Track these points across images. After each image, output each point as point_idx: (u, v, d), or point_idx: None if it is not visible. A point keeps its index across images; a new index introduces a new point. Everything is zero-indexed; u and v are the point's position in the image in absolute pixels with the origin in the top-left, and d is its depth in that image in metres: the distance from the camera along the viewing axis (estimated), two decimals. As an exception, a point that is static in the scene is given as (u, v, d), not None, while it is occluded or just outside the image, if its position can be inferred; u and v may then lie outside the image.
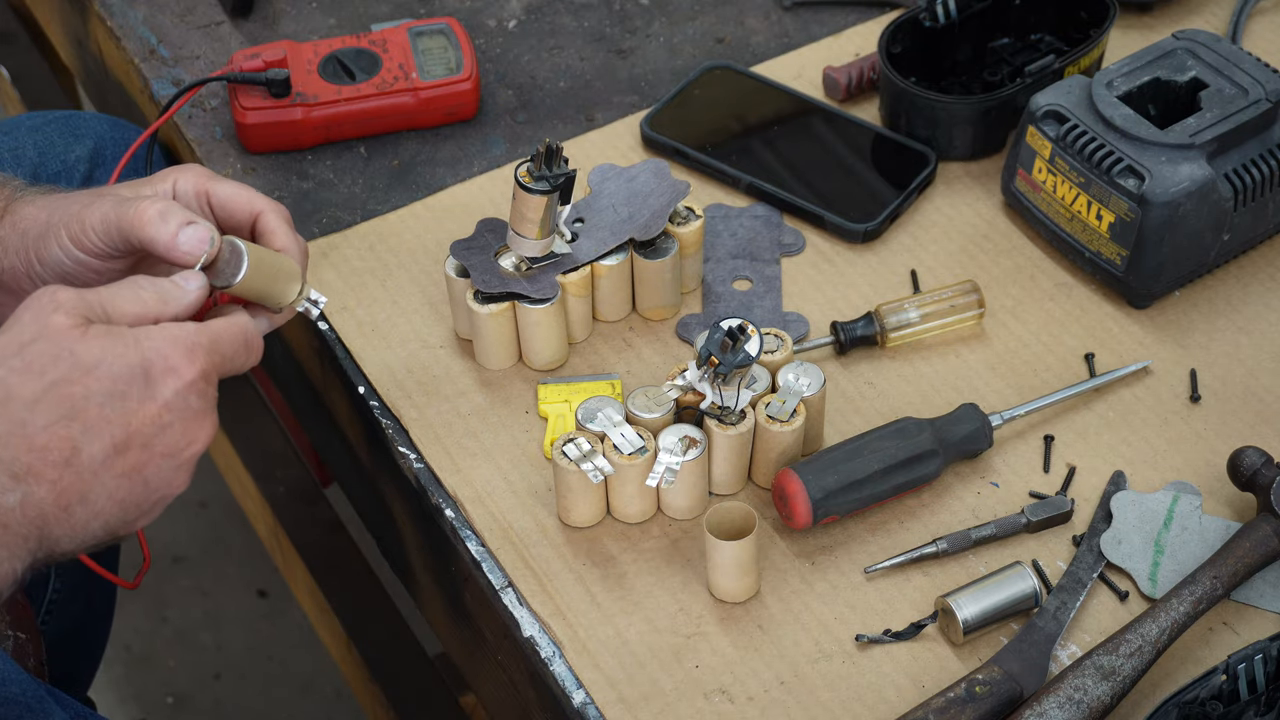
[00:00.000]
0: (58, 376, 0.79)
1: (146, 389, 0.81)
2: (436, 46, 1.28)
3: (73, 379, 0.79)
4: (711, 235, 1.19)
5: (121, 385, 0.80)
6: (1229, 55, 1.15)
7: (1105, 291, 1.16)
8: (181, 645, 1.94)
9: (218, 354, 0.86)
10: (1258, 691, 0.92)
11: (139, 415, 0.81)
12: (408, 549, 1.18)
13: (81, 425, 0.79)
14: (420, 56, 1.27)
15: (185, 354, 0.83)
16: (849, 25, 1.35)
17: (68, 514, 0.80)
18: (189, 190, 0.96)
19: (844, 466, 1.01)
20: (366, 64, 1.27)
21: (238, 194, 0.97)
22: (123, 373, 0.81)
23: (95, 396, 0.80)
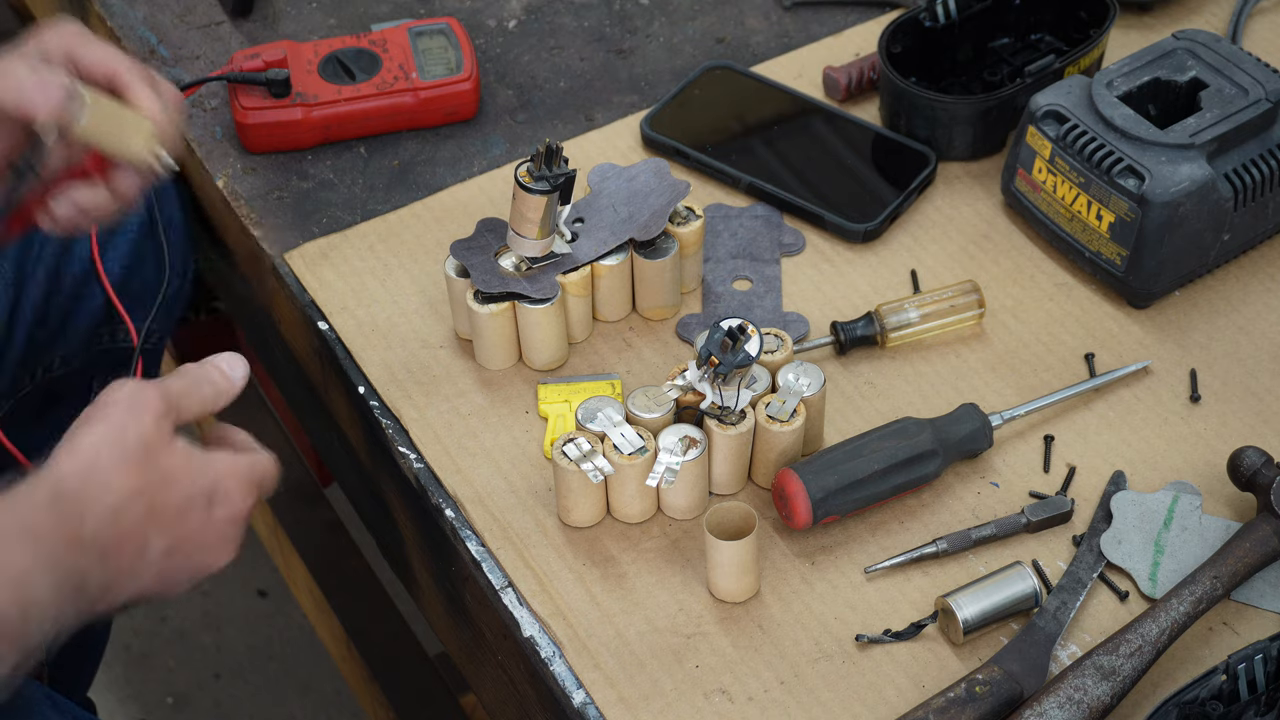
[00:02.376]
0: (147, 482, 0.87)
1: (206, 510, 0.90)
2: (436, 46, 1.28)
3: (157, 487, 0.88)
4: (711, 235, 1.19)
5: (190, 502, 0.89)
6: (1229, 55, 1.15)
7: (1105, 291, 1.16)
8: (181, 645, 1.94)
9: (262, 491, 0.96)
10: (1258, 691, 0.92)
11: (192, 528, 0.90)
12: (408, 549, 1.18)
13: (155, 527, 0.88)
14: (420, 56, 1.27)
15: (242, 489, 0.92)
16: (849, 25, 1.35)
17: (111, 592, 0.87)
18: (55, 49, 1.02)
19: (844, 466, 1.01)
20: (366, 64, 1.27)
21: (102, 57, 1.03)
22: (194, 493, 0.90)
23: (170, 506, 0.88)
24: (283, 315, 1.22)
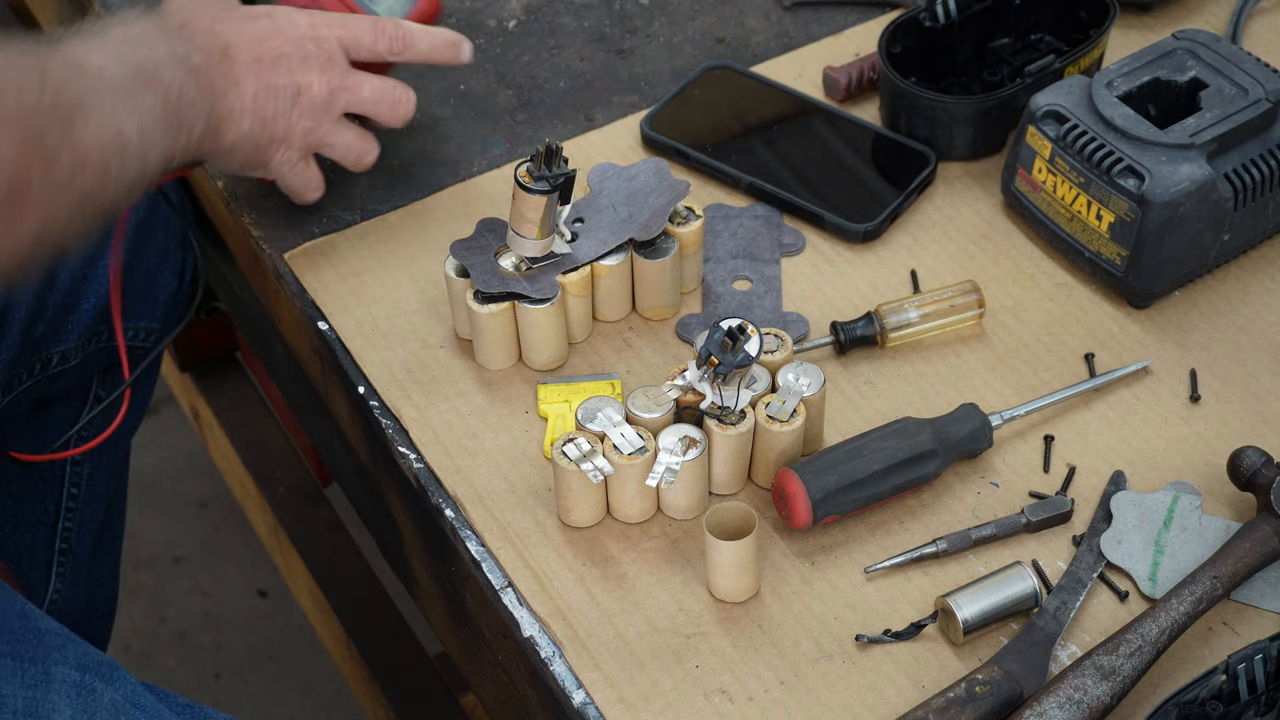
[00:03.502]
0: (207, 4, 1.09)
1: (288, 22, 1.09)
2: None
3: (217, 14, 1.08)
4: (711, 235, 1.19)
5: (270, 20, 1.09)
6: (1229, 55, 1.15)
7: (1105, 291, 1.16)
8: (181, 645, 1.95)
9: (348, 31, 1.13)
10: (1258, 691, 0.92)
11: (277, 40, 1.08)
12: (408, 549, 1.18)
13: (232, 32, 1.07)
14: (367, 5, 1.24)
15: (329, 22, 1.11)
16: (849, 25, 1.35)
17: (224, 98, 1.05)
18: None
19: (844, 466, 1.01)
20: None
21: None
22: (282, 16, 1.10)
23: (236, 21, 1.08)
24: (283, 315, 1.22)
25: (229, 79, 1.05)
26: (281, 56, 1.08)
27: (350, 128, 1.14)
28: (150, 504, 2.07)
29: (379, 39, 1.12)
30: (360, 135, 1.14)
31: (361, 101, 1.12)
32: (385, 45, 1.12)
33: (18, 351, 1.23)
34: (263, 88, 1.07)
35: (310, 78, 1.09)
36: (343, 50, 1.11)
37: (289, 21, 1.10)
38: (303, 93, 1.09)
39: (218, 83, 1.05)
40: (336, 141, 1.13)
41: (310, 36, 1.10)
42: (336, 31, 1.11)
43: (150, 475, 2.09)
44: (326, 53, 1.10)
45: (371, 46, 1.12)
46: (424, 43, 1.14)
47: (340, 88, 1.11)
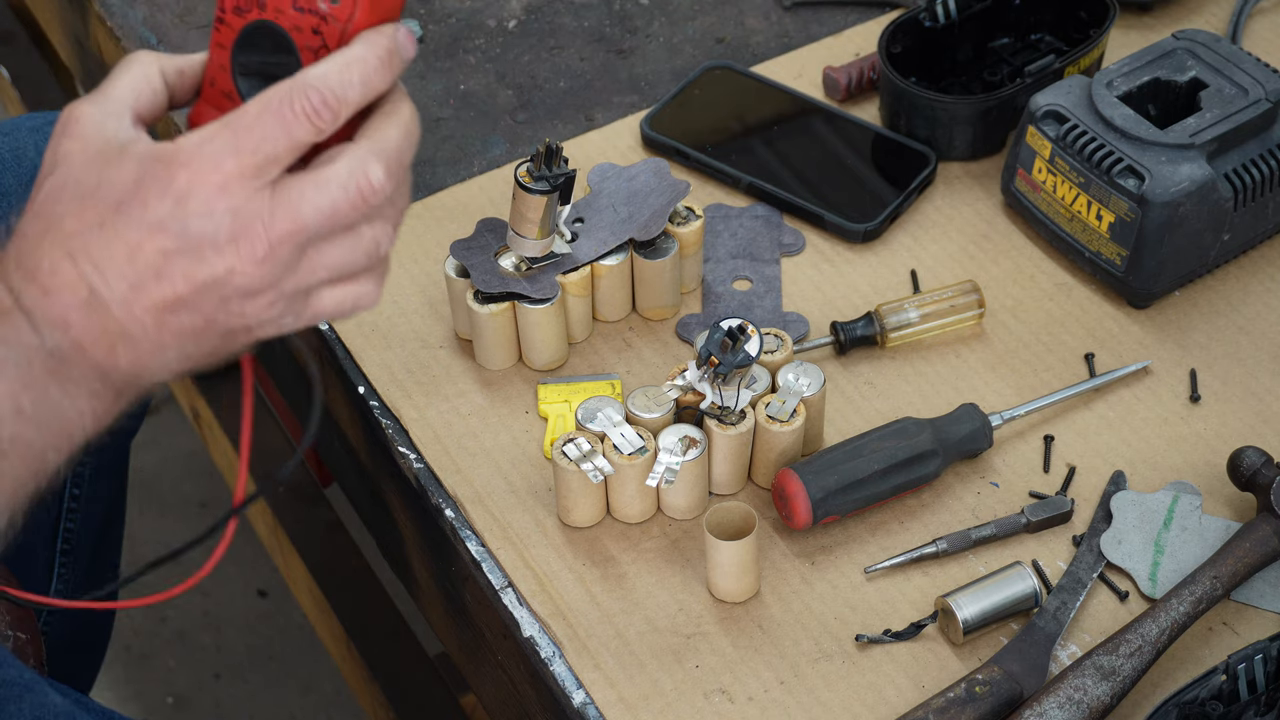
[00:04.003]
0: (57, 215, 0.77)
1: (161, 191, 0.75)
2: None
3: (71, 213, 0.77)
4: (711, 235, 1.19)
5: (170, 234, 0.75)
6: (1229, 55, 1.15)
7: (1105, 291, 1.16)
8: (181, 645, 1.95)
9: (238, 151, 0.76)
10: (1258, 691, 0.92)
11: (157, 237, 0.75)
12: (408, 549, 1.18)
13: (91, 261, 0.76)
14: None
15: (181, 168, 0.75)
16: (849, 25, 1.35)
17: (114, 356, 0.77)
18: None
19: (844, 466, 1.01)
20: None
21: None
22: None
23: (92, 231, 0.76)
24: (283, 315, 1.22)
25: (111, 333, 0.75)
26: (171, 254, 0.75)
27: (333, 286, 0.79)
28: (150, 504, 2.06)
29: (294, 127, 0.75)
30: (352, 281, 0.80)
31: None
32: (304, 130, 0.75)
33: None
34: (166, 312, 0.75)
35: (230, 264, 0.75)
36: (254, 176, 0.75)
37: (162, 189, 0.75)
38: (229, 287, 0.76)
39: (96, 350, 0.76)
40: (324, 308, 0.80)
41: (202, 201, 0.74)
42: (232, 163, 0.75)
43: (150, 475, 2.09)
44: (238, 214, 0.75)
45: (290, 143, 0.75)
46: (355, 87, 0.77)
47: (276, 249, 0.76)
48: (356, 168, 0.76)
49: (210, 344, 0.78)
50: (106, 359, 0.76)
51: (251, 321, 0.77)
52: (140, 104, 0.79)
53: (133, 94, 0.79)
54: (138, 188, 0.75)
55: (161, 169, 0.75)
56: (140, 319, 0.75)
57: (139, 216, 0.74)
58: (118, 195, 0.75)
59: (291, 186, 0.76)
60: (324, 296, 0.79)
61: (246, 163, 0.75)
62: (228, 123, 0.75)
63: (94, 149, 0.76)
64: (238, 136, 0.75)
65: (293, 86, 0.75)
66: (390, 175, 0.77)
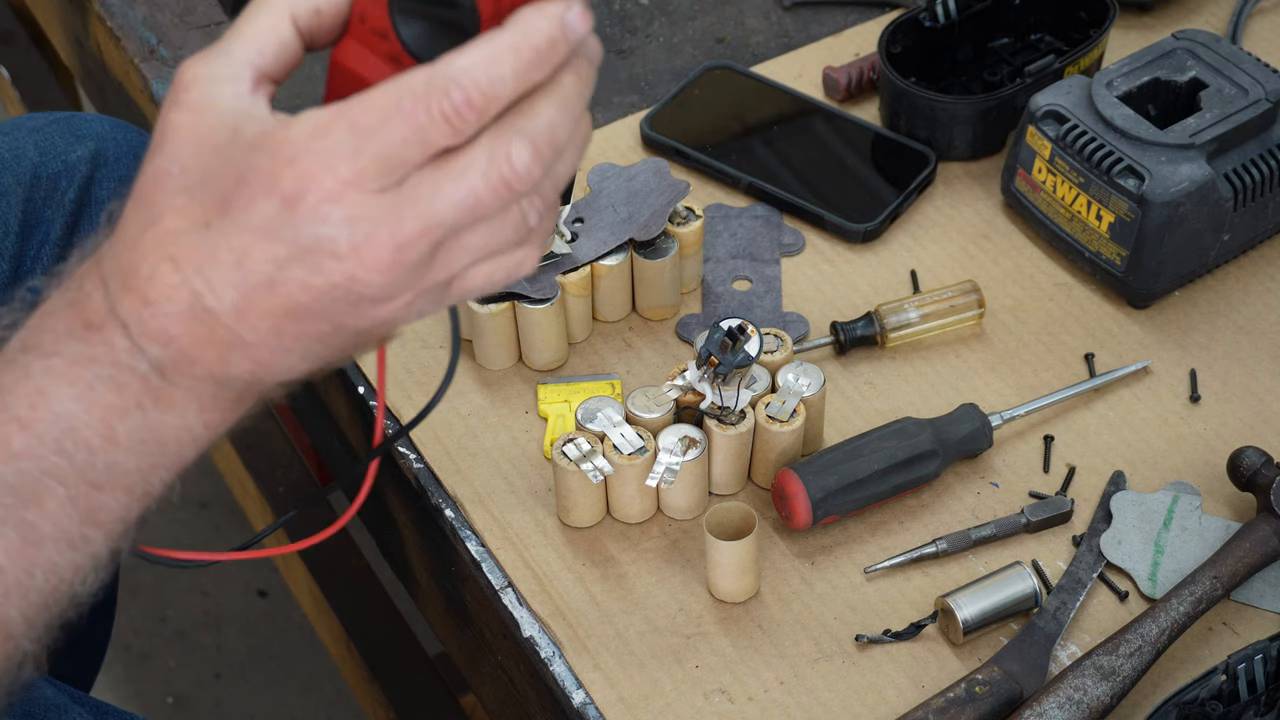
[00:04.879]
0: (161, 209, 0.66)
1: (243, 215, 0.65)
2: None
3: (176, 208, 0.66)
4: (711, 235, 1.19)
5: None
6: (1229, 55, 1.15)
7: (1105, 291, 1.16)
8: (181, 645, 1.94)
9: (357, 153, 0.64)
10: (1258, 691, 0.92)
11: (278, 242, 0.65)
12: (408, 549, 1.18)
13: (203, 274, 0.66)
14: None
15: (288, 167, 0.64)
16: (849, 25, 1.35)
17: (227, 367, 0.68)
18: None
19: (844, 466, 1.01)
20: None
21: None
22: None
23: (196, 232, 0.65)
24: (283, 315, 1.22)
25: (222, 342, 0.67)
26: (284, 262, 0.65)
27: (479, 265, 0.69)
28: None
29: (429, 132, 0.64)
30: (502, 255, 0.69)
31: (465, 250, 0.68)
32: (441, 135, 0.64)
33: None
34: (285, 319, 0.67)
35: (352, 272, 0.66)
36: (375, 181, 0.65)
37: (267, 188, 0.65)
38: (355, 295, 0.66)
39: (206, 359, 0.67)
40: (471, 286, 0.69)
41: (313, 207, 0.64)
42: (348, 169, 0.64)
43: (150, 475, 2.09)
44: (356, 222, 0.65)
45: (423, 149, 0.64)
46: (507, 83, 0.64)
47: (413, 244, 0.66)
48: (499, 152, 0.65)
49: (339, 344, 0.68)
50: (219, 368, 0.67)
51: (387, 320, 0.68)
52: (265, 60, 0.68)
53: (255, 50, 0.67)
54: (241, 183, 0.65)
55: (268, 163, 0.64)
56: (255, 327, 0.66)
57: (242, 219, 0.65)
58: (223, 190, 0.65)
59: (421, 183, 0.65)
60: (471, 276, 0.68)
61: (367, 168, 0.64)
62: (347, 115, 0.64)
63: (204, 126, 0.66)
64: (359, 138, 0.63)
65: (431, 82, 0.63)
66: (539, 157, 0.65)
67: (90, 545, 0.69)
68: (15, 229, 1.19)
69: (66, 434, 0.67)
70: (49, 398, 0.67)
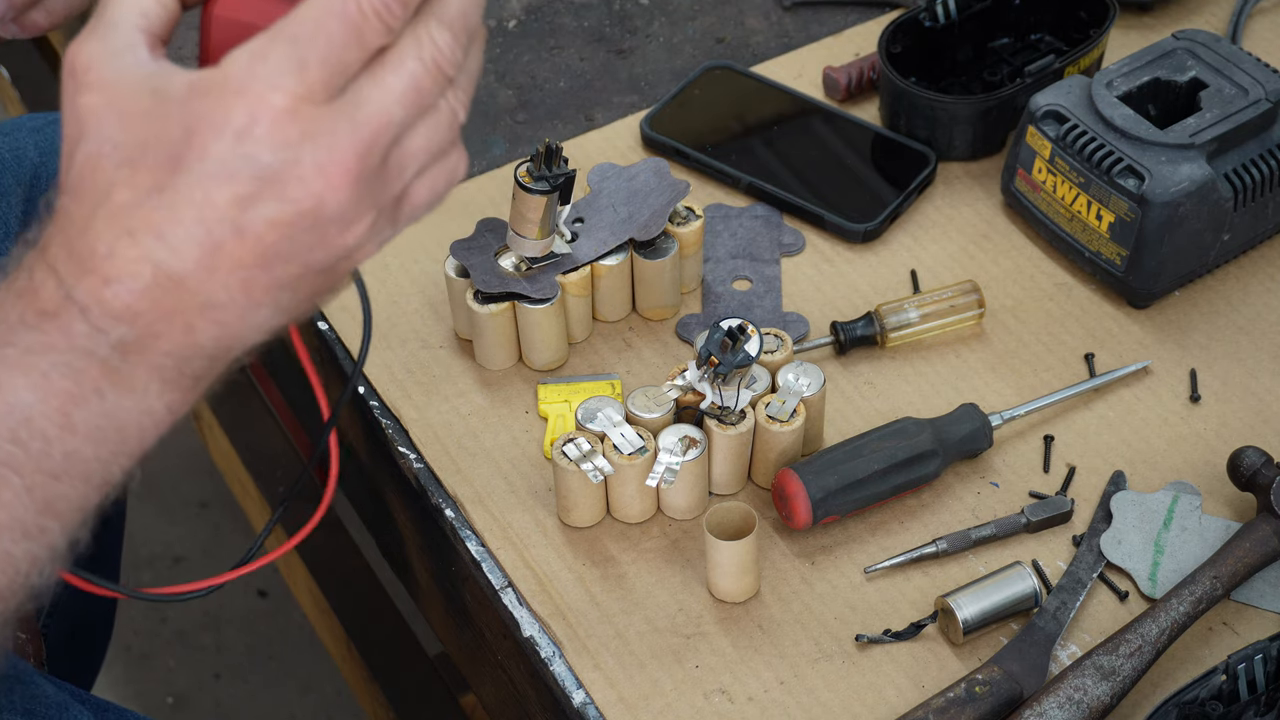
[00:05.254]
0: (104, 187, 0.65)
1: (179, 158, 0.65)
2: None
3: (120, 182, 0.65)
4: (711, 235, 1.19)
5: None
6: (1229, 55, 1.15)
7: (1105, 291, 1.16)
8: (181, 645, 1.94)
9: (302, 67, 0.64)
10: (1258, 691, 0.92)
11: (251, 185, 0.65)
12: (408, 549, 1.18)
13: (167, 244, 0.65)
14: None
15: (235, 100, 0.64)
16: (849, 25, 1.35)
17: (196, 334, 0.68)
18: None
19: (844, 466, 1.01)
20: None
21: None
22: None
23: (149, 197, 0.65)
24: (283, 315, 1.22)
25: (188, 310, 0.66)
26: (247, 200, 0.65)
27: (422, 175, 0.70)
28: (150, 504, 2.06)
29: (364, 30, 0.65)
30: (440, 160, 0.70)
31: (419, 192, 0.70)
32: (376, 32, 0.65)
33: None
34: (255, 268, 0.66)
35: (318, 191, 0.65)
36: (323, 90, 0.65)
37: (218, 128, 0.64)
38: (323, 218, 0.66)
39: (171, 334, 0.67)
40: (419, 202, 0.70)
41: (270, 130, 0.64)
42: (295, 81, 0.64)
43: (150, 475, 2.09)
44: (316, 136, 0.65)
45: (361, 50, 0.66)
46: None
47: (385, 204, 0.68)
48: (423, 39, 0.66)
49: (308, 288, 0.68)
50: (185, 341, 0.67)
51: (352, 247, 0.67)
52: (151, 23, 0.67)
53: (140, 14, 0.67)
54: (189, 134, 0.64)
55: (213, 104, 0.64)
56: (225, 283, 0.65)
57: (199, 168, 0.64)
58: (169, 149, 0.64)
59: (363, 85, 0.65)
60: (417, 190, 0.69)
61: (314, 78, 0.64)
62: (281, 33, 0.64)
63: (123, 98, 0.65)
64: (298, 48, 0.63)
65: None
66: (458, 40, 0.67)
67: (47, 536, 0.69)
68: (16, 229, 1.19)
69: (21, 424, 0.66)
70: (3, 389, 0.66)
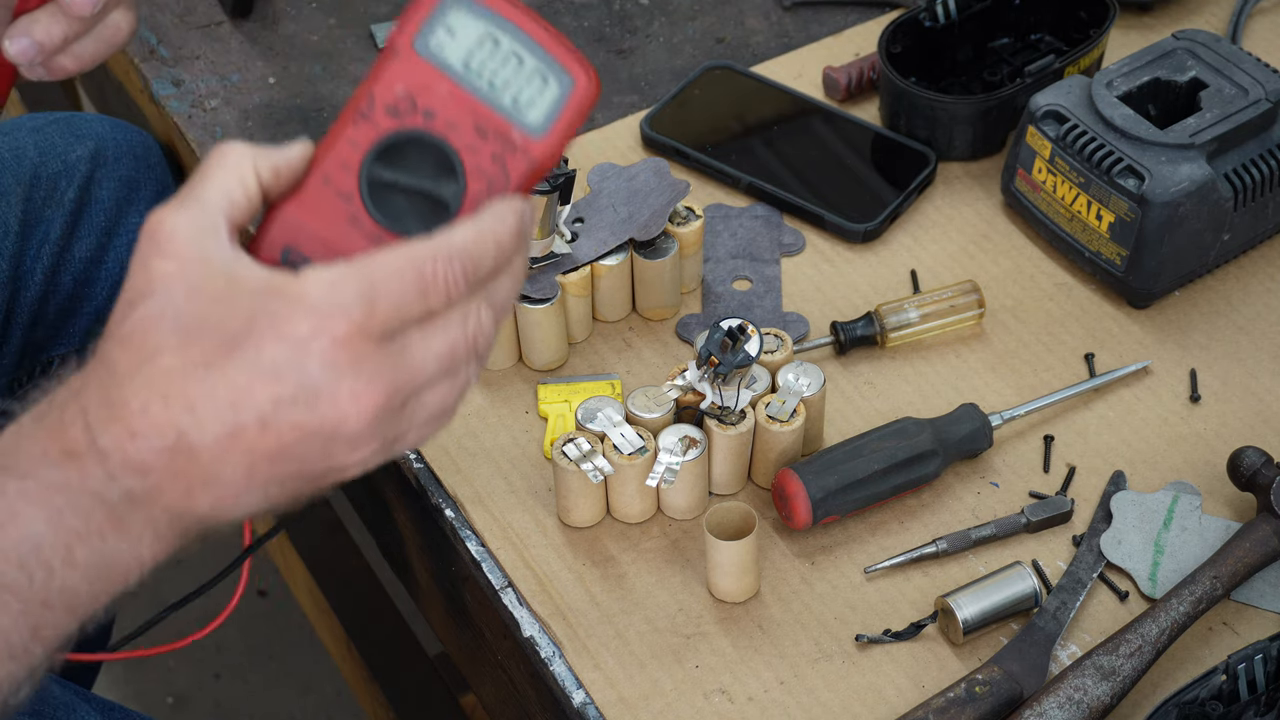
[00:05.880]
0: (155, 348, 0.69)
1: (243, 357, 0.69)
2: None
3: (171, 348, 0.69)
4: (711, 235, 1.19)
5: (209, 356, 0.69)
6: (1229, 55, 1.15)
7: (1105, 291, 1.16)
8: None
9: (372, 305, 0.69)
10: (1258, 691, 0.92)
11: (268, 386, 0.69)
12: (408, 549, 1.18)
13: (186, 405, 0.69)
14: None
15: (305, 314, 0.69)
16: (849, 25, 1.35)
17: (192, 502, 0.71)
18: None
19: (844, 466, 1.01)
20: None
21: None
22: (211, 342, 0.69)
23: (194, 371, 0.69)
24: (283, 315, 1.22)
25: (193, 478, 0.70)
26: (283, 402, 0.69)
27: (424, 424, 0.74)
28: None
29: (432, 296, 0.71)
30: (439, 420, 0.75)
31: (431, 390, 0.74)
32: (439, 301, 0.71)
33: (19, 355, 1.23)
34: (263, 459, 0.70)
35: (344, 414, 0.70)
36: (379, 332, 0.70)
37: (280, 333, 0.69)
38: (337, 438, 0.71)
39: (173, 494, 0.71)
40: (410, 443, 0.75)
41: (325, 351, 0.69)
42: (361, 316, 0.69)
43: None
44: (360, 369, 0.70)
45: (423, 310, 0.71)
46: (490, 261, 0.72)
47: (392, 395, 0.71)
48: (471, 317, 0.72)
49: (297, 488, 0.73)
50: (183, 504, 0.71)
51: (347, 466, 0.72)
52: (236, 212, 0.72)
53: (228, 201, 0.72)
54: (251, 327, 0.69)
55: (283, 309, 0.69)
56: (233, 464, 0.70)
57: (252, 360, 0.68)
58: (229, 334, 0.69)
59: (412, 339, 0.71)
60: (415, 433, 0.74)
61: (378, 319, 0.69)
62: (364, 270, 0.69)
63: (196, 275, 0.70)
64: (375, 290, 0.69)
65: (438, 251, 0.70)
66: (497, 322, 0.74)
67: (30, 658, 0.72)
68: (15, 229, 1.19)
69: (31, 553, 0.70)
70: (20, 518, 0.70)
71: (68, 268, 1.24)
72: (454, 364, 0.72)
